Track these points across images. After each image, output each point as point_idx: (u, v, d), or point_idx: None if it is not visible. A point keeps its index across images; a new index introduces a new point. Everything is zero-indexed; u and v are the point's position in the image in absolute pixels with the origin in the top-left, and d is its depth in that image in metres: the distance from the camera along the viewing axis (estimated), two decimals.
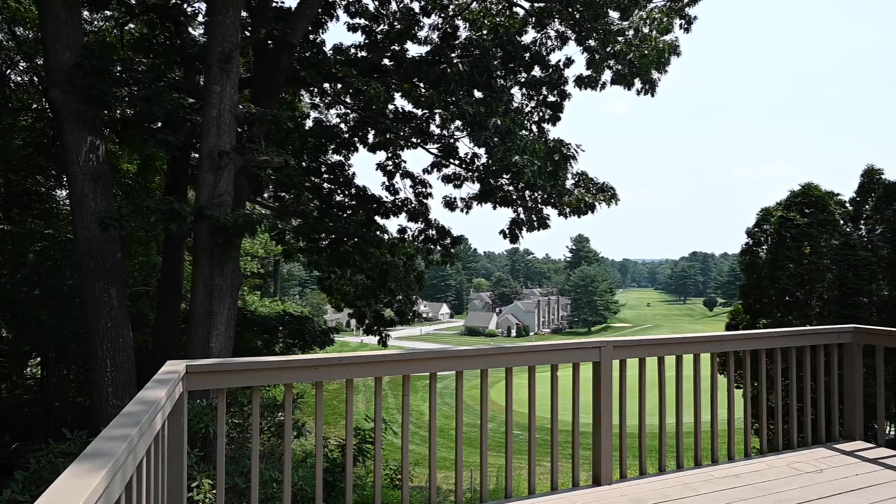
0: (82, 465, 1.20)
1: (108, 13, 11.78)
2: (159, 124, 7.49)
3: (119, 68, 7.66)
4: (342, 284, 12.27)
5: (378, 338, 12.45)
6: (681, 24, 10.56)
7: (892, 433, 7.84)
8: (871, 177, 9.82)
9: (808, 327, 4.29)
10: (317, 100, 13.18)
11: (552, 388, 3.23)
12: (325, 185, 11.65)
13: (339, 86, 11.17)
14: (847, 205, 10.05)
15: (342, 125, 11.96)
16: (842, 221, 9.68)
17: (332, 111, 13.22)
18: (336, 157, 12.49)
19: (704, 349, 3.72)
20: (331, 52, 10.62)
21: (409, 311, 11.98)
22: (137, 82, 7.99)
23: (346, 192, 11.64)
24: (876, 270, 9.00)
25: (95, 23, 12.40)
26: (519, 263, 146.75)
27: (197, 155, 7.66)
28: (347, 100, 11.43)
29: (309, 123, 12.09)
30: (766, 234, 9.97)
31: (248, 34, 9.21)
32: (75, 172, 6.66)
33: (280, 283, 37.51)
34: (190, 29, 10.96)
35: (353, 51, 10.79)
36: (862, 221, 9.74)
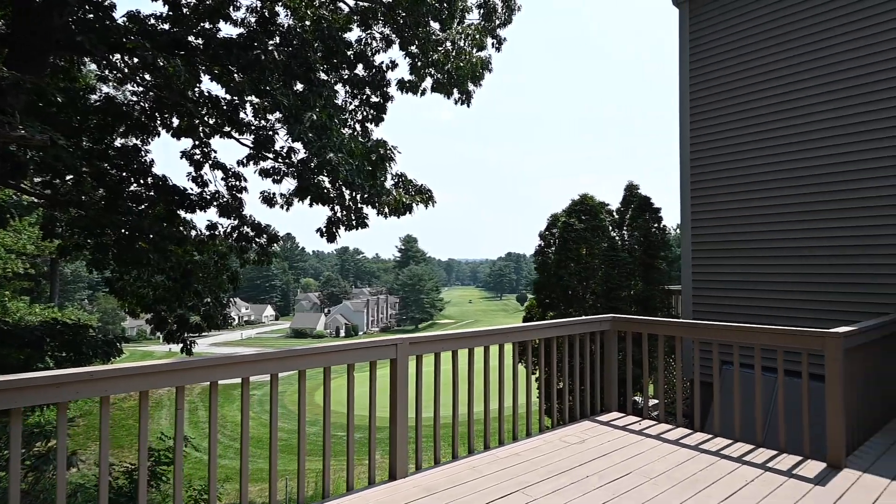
0: None
1: None
2: None
3: None
4: (138, 286, 10.75)
5: (182, 345, 11.19)
6: (493, 44, 11.53)
7: (641, 403, 9.56)
8: (631, 191, 12.00)
9: (580, 318, 4.98)
10: (106, 72, 11.35)
11: (348, 387, 3.22)
12: (115, 171, 10.07)
13: (136, 60, 9.77)
14: (614, 213, 12.12)
15: (139, 105, 10.48)
16: (610, 228, 11.64)
17: (129, 88, 11.52)
18: (133, 141, 10.91)
19: (492, 341, 4.07)
20: (123, 19, 9.22)
21: (218, 315, 10.96)
22: None
23: (142, 182, 10.21)
24: (633, 269, 11.01)
25: None
26: (349, 263, 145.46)
27: None
28: (147, 77, 10.05)
29: (95, 98, 10.34)
30: (553, 237, 11.49)
31: None
32: None
33: (58, 285, 31.43)
34: None
35: (153, 21, 9.53)
36: (624, 228, 11.83)
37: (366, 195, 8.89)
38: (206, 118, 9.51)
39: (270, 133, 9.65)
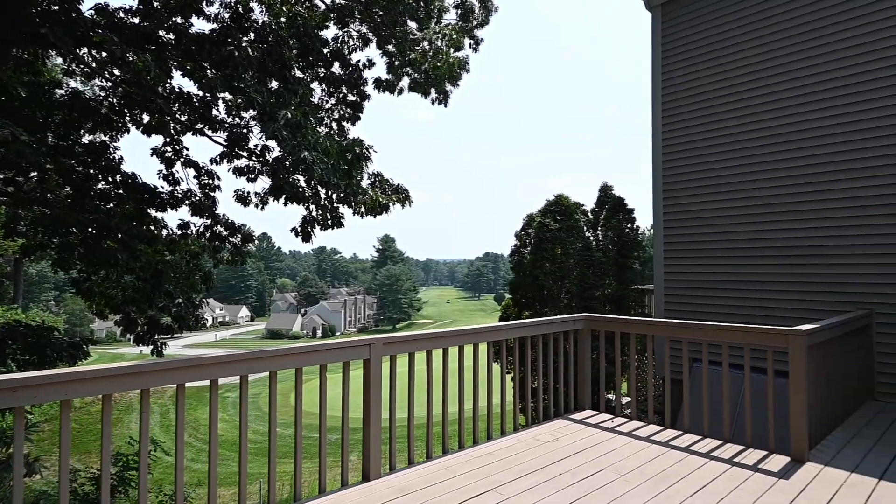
0: None
1: None
2: None
3: None
4: (106, 287, 10.47)
5: (152, 347, 10.93)
6: (470, 44, 11.59)
7: (614, 401, 9.71)
8: (605, 192, 12.22)
9: (554, 317, 5.02)
10: (73, 66, 11.02)
11: (321, 388, 3.18)
12: (81, 168, 9.78)
13: (104, 54, 9.52)
14: (589, 214, 12.32)
15: (107, 100, 10.20)
16: (585, 228, 11.84)
17: (97, 82, 11.21)
18: (101, 137, 10.62)
19: (466, 341, 4.07)
20: (91, 11, 8.97)
21: (190, 316, 10.72)
22: None
23: (111, 179, 9.95)
24: (607, 269, 11.20)
25: None
26: (326, 263, 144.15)
27: None
28: (116, 71, 9.79)
29: (61, 92, 10.03)
30: (529, 238, 11.62)
31: None
32: None
33: (22, 286, 30.34)
34: None
35: (122, 15, 9.29)
36: (599, 228, 12.04)
37: (341, 194, 8.82)
38: (177, 115, 9.31)
39: (245, 131, 9.50)
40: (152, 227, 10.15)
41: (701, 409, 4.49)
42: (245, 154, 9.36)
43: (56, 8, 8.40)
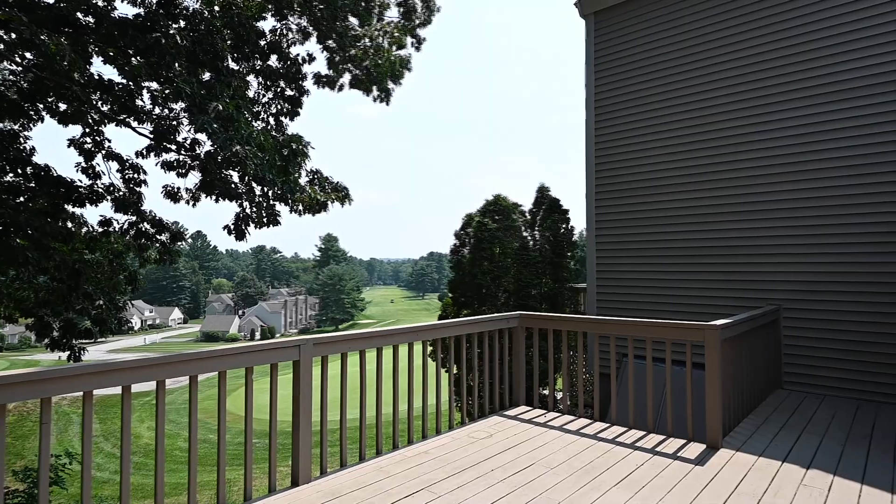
0: None
1: None
2: None
3: None
4: (16, 288, 9.66)
5: (69, 353, 10.19)
6: (412, 43, 11.59)
7: (548, 396, 9.99)
8: (542, 192, 12.58)
9: (489, 315, 5.09)
10: None
11: (246, 392, 3.06)
12: None
13: (13, 36, 8.76)
14: (526, 214, 12.64)
15: (16, 85, 9.39)
16: (522, 228, 12.14)
17: (5, 66, 10.30)
18: (11, 126, 9.77)
19: (401, 340, 4.05)
20: None
21: (112, 319, 10.08)
22: None
23: (20, 172, 9.18)
24: (543, 268, 11.53)
25: None
26: (265, 262, 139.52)
27: None
28: (28, 55, 9.04)
29: None
30: (468, 237, 11.79)
31: None
32: None
33: None
34: None
35: None
36: (536, 228, 12.38)
37: (278, 191, 8.56)
38: (97, 104, 8.71)
39: (174, 123, 9.03)
40: (69, 224, 9.47)
41: (627, 401, 4.69)
42: (174, 148, 8.89)
43: None
